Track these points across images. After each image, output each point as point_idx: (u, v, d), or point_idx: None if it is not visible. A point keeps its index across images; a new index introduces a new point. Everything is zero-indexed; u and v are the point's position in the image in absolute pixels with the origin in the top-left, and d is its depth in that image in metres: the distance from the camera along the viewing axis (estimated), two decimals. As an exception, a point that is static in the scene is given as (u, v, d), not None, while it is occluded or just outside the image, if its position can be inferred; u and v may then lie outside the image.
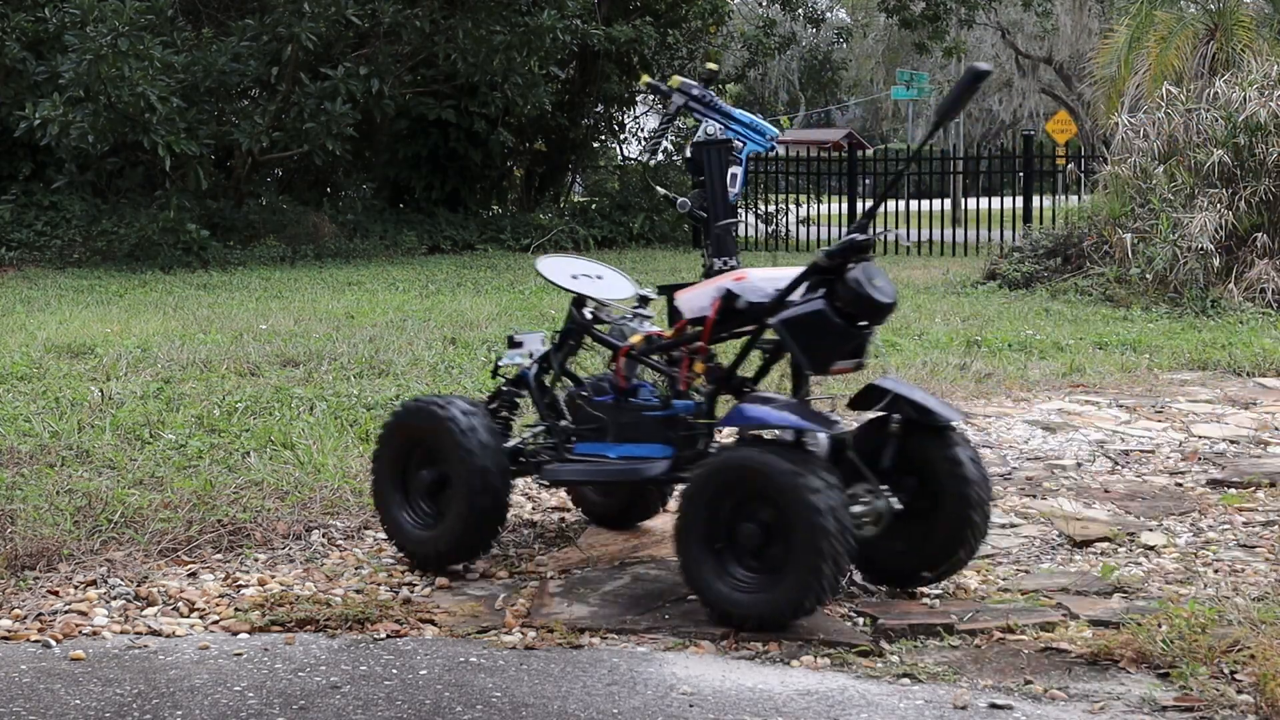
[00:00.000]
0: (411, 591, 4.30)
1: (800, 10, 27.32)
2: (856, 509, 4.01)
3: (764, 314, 4.18)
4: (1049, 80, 44.97)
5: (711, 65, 6.02)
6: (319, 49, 17.13)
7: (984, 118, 53.10)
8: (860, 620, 4.05)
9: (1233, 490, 5.58)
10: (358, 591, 4.25)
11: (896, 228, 22.19)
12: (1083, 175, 18.13)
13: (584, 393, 4.56)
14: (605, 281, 4.72)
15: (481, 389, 7.55)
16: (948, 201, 28.93)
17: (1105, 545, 4.84)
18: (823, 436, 4.03)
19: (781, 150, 27.17)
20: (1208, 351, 9.12)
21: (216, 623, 4.01)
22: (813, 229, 22.78)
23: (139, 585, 4.26)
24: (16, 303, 11.93)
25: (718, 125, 4.68)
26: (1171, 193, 12.37)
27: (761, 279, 4.26)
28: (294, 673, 3.62)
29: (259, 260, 16.70)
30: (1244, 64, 14.16)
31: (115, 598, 4.17)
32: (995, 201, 23.41)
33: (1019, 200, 20.97)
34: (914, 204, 25.43)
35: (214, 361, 8.27)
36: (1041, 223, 17.81)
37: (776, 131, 4.75)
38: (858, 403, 4.19)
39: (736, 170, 4.63)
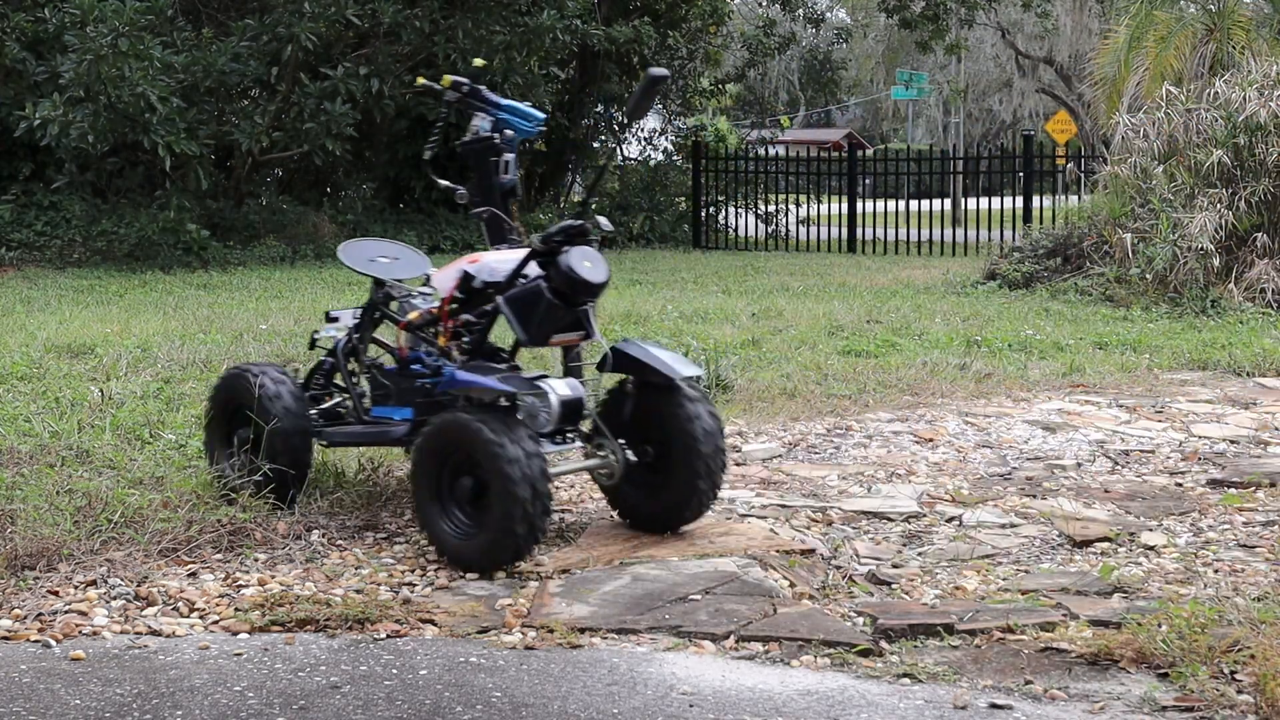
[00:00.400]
0: (411, 591, 4.30)
1: (800, 10, 27.31)
2: (591, 462, 4.66)
3: (498, 292, 4.66)
4: (1049, 80, 44.97)
5: (479, 61, 6.72)
6: (319, 49, 17.13)
7: (984, 118, 53.11)
8: (860, 620, 4.05)
9: (1233, 490, 5.58)
10: (358, 591, 4.25)
11: (897, 227, 22.19)
12: (1083, 175, 18.14)
13: (379, 362, 5.06)
14: (401, 263, 5.23)
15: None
16: (948, 201, 28.94)
17: (1105, 545, 4.84)
18: (554, 398, 4.49)
19: (782, 150, 27.21)
20: (1208, 351, 9.12)
21: (216, 623, 4.01)
22: (813, 229, 22.77)
23: (139, 585, 4.26)
24: (16, 303, 11.93)
25: (489, 120, 5.08)
26: (1171, 193, 12.38)
27: (495, 261, 4.75)
28: (294, 673, 3.62)
29: (259, 260, 16.70)
30: (1243, 64, 14.16)
31: (115, 598, 4.17)
32: (995, 201, 23.40)
33: (1019, 200, 20.97)
34: (914, 204, 25.43)
35: (214, 361, 8.27)
36: (1041, 223, 17.81)
37: (541, 116, 5.16)
38: (602, 366, 4.70)
39: (509, 157, 5.03)
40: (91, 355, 8.53)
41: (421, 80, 5.65)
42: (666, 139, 25.54)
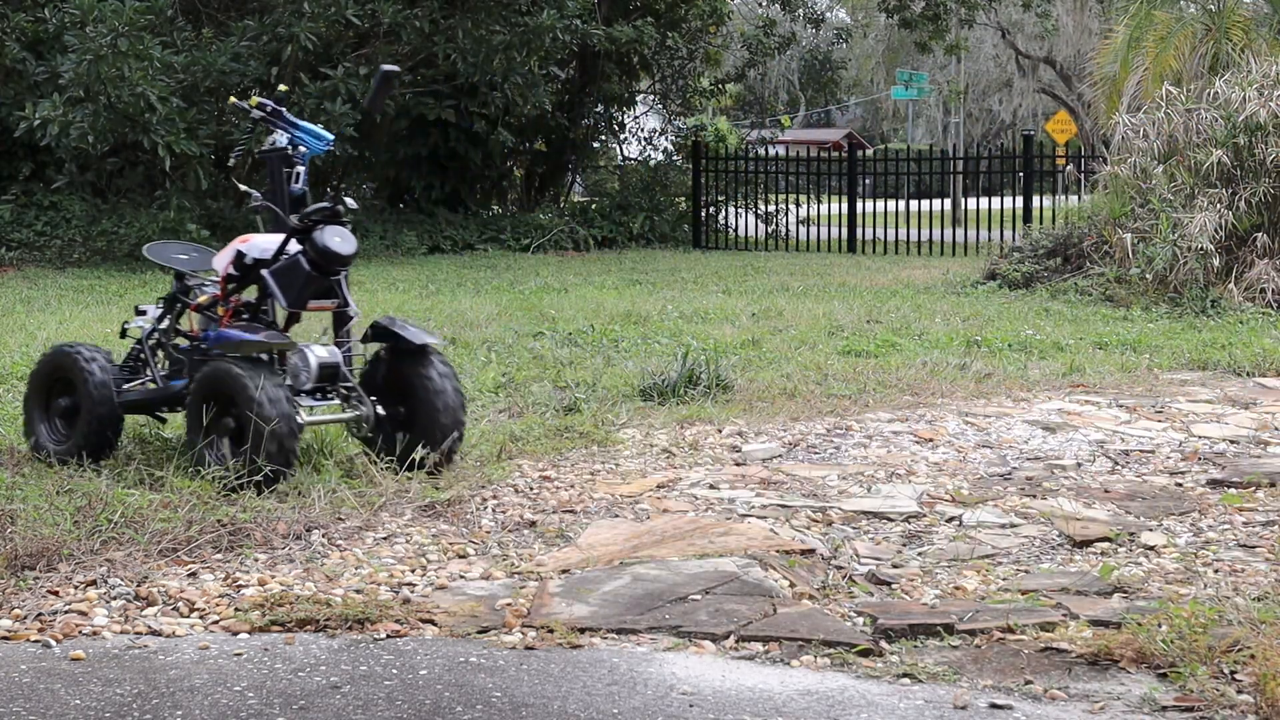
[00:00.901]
0: (411, 591, 4.30)
1: (800, 10, 27.31)
2: (347, 415, 5.51)
3: (266, 267, 5.45)
4: (1049, 80, 44.98)
5: (283, 87, 7.78)
6: (319, 49, 17.13)
7: (984, 118, 53.12)
8: (860, 620, 4.05)
9: (1233, 490, 5.58)
10: (358, 591, 4.25)
11: (897, 227, 22.20)
12: (1082, 175, 18.14)
13: (176, 343, 5.84)
14: (196, 258, 6.03)
15: (482, 389, 7.56)
16: (947, 201, 28.94)
17: (1105, 545, 4.84)
18: (313, 360, 5.41)
19: (781, 150, 27.21)
20: (1208, 351, 9.12)
21: (216, 623, 4.01)
22: (813, 229, 22.78)
23: (139, 585, 4.26)
24: (16, 303, 11.93)
25: (285, 137, 5.78)
26: (1171, 193, 12.38)
27: (264, 240, 5.55)
28: (294, 673, 3.62)
29: (259, 260, 16.69)
30: (1243, 64, 14.16)
31: (115, 598, 4.17)
32: (995, 201, 23.40)
33: (1019, 200, 20.97)
34: (914, 204, 25.44)
35: (214, 361, 8.26)
36: (1041, 223, 17.82)
37: (330, 137, 5.92)
38: (365, 339, 5.63)
39: (300, 169, 5.77)
40: (91, 355, 8.51)
41: (233, 100, 6.41)
42: (666, 139, 25.54)
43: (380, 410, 5.51)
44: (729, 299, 12.88)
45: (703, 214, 22.81)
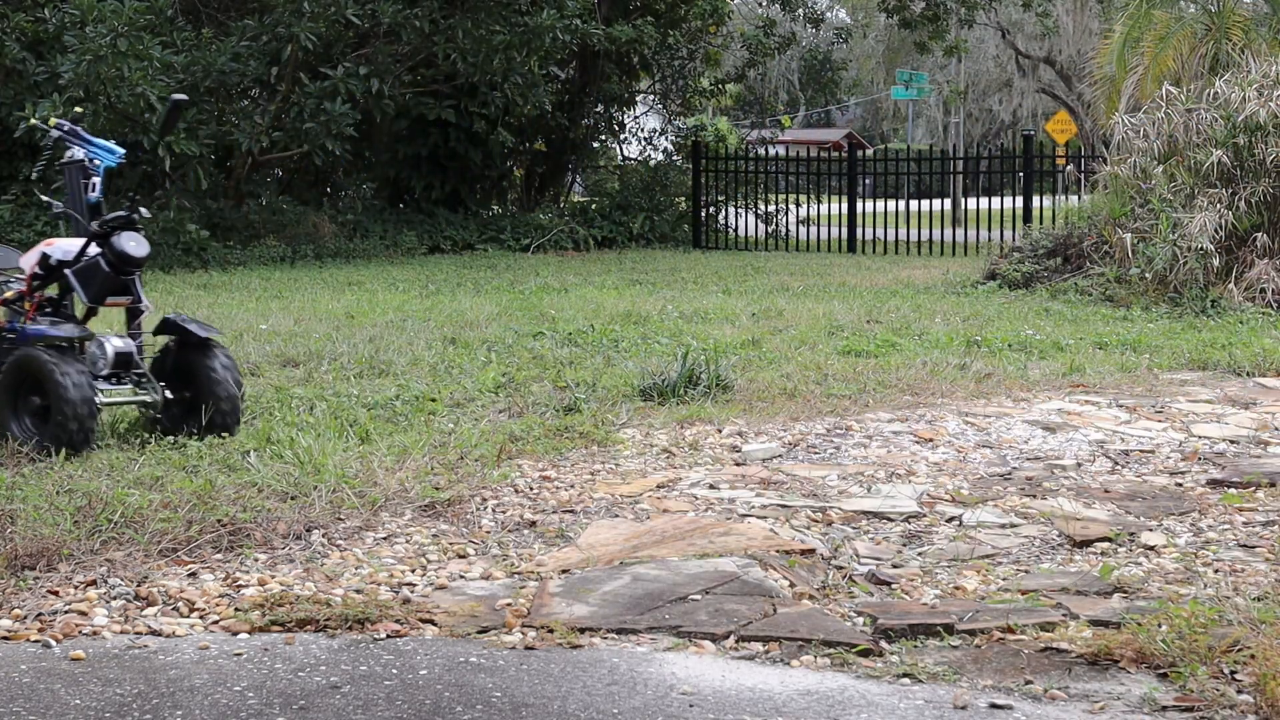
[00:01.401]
0: (411, 591, 4.30)
1: (800, 10, 27.31)
2: (140, 398, 6.14)
3: (69, 267, 6.13)
4: (1049, 80, 44.97)
5: (78, 109, 8.72)
6: (319, 49, 17.13)
7: (984, 118, 53.12)
8: (860, 620, 4.05)
9: (1233, 490, 5.58)
10: (358, 591, 4.25)
11: (897, 227, 22.20)
12: (1082, 175, 18.14)
13: None
14: (4, 256, 6.64)
15: (482, 389, 7.56)
16: (947, 201, 28.94)
17: (1105, 545, 4.84)
18: (110, 349, 6.09)
19: (781, 150, 27.21)
20: (1208, 351, 9.12)
21: (216, 623, 4.01)
22: (813, 229, 22.77)
23: (139, 585, 4.26)
24: (16, 303, 11.92)
25: (81, 151, 6.33)
26: (1171, 193, 12.38)
27: (66, 244, 6.22)
28: (294, 673, 3.62)
29: (259, 260, 16.70)
30: (1243, 63, 14.16)
31: (115, 598, 4.17)
32: (995, 201, 23.42)
33: (1019, 200, 20.98)
34: (914, 204, 25.43)
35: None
36: (1041, 223, 17.82)
37: (121, 151, 6.42)
38: (157, 331, 6.35)
39: (96, 180, 6.33)
40: (91, 355, 8.52)
41: (33, 120, 7.14)
42: (666, 139, 25.55)
43: (169, 394, 6.19)
44: (729, 299, 12.88)
45: (703, 214, 22.82)
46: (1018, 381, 8.10)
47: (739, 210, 23.46)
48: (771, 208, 23.50)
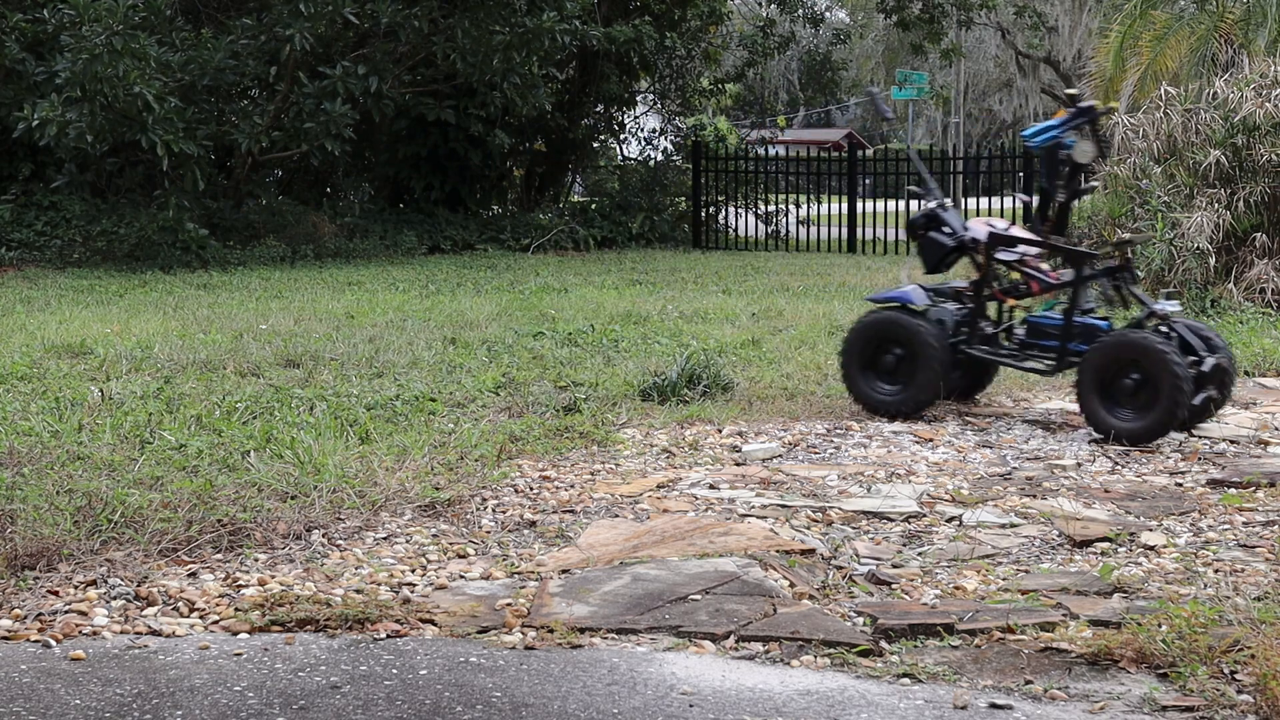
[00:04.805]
0: (411, 591, 4.30)
1: (799, 10, 27.30)
2: None
3: None
4: (1049, 80, 44.96)
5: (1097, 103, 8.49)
6: (317, 49, 17.12)
7: (984, 118, 53.12)
8: (860, 620, 4.05)
9: (1233, 490, 5.58)
10: (358, 591, 4.25)
11: (897, 227, 22.18)
12: (1082, 175, 18.11)
13: None
14: None
15: (482, 389, 7.56)
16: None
17: (1105, 545, 4.84)
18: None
19: (781, 150, 27.20)
20: (1207, 351, 9.11)
21: (216, 623, 4.01)
22: (813, 229, 22.77)
23: (139, 585, 4.26)
24: (16, 303, 11.93)
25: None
26: (1170, 193, 12.37)
27: None
28: (294, 673, 3.62)
29: (259, 260, 16.70)
30: (1241, 63, 14.16)
31: (115, 598, 4.17)
32: (995, 201, 23.40)
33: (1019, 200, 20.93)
34: (914, 204, 25.40)
35: (214, 361, 8.27)
36: (1041, 223, 17.77)
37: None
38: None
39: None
40: (91, 355, 8.52)
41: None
42: (666, 139, 25.54)
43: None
44: (729, 299, 12.87)
45: (702, 214, 22.81)
46: (1018, 381, 8.10)
47: (739, 210, 23.46)
48: (771, 208, 23.49)
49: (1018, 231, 7.25)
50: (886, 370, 7.07)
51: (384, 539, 4.81)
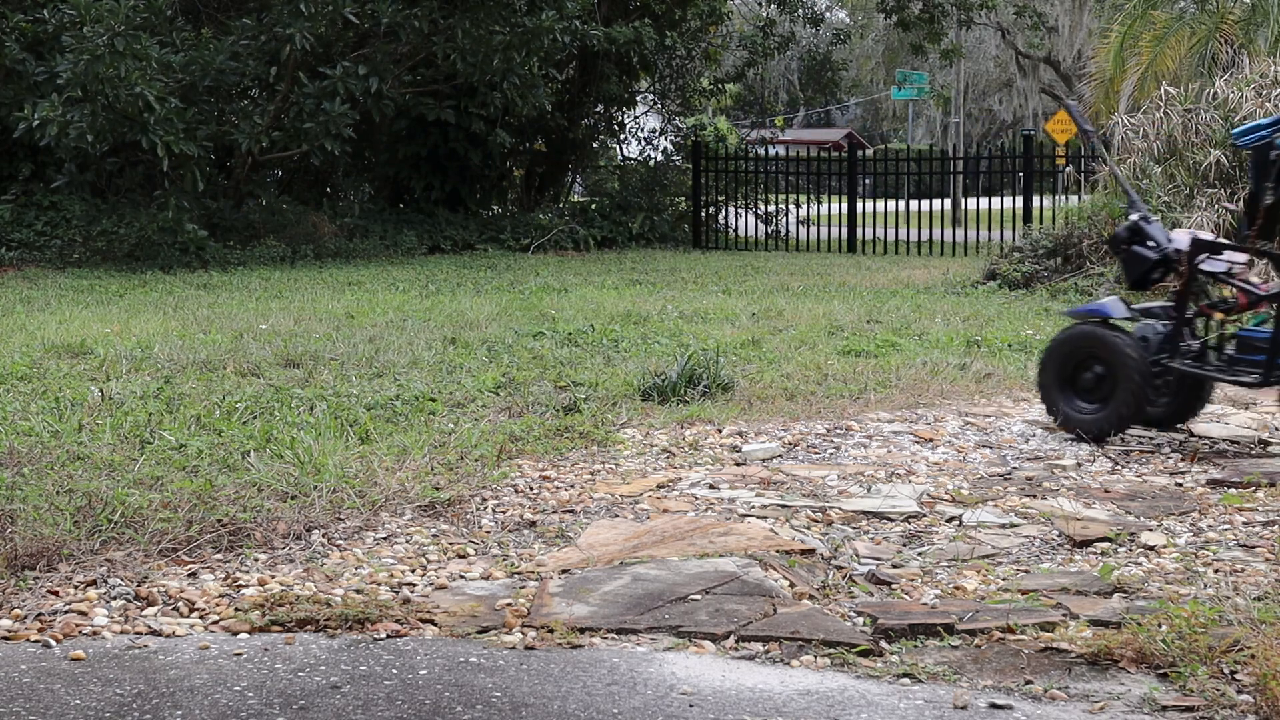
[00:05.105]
0: (411, 591, 4.30)
1: (799, 10, 27.31)
2: None
3: None
4: (1049, 80, 44.97)
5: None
6: (317, 49, 17.13)
7: (984, 118, 53.12)
8: (860, 620, 4.05)
9: (1233, 490, 5.58)
10: (358, 591, 4.25)
11: (897, 227, 22.19)
12: (1082, 175, 18.15)
13: None
14: None
15: (482, 389, 7.56)
16: (947, 201, 28.94)
17: (1105, 545, 4.84)
18: None
19: (781, 150, 27.20)
20: (1207, 351, 9.11)
21: (216, 623, 4.01)
22: (813, 229, 22.77)
23: (139, 585, 4.26)
24: (16, 303, 11.93)
25: None
26: (1170, 193, 12.38)
27: None
28: (294, 673, 3.62)
29: (259, 260, 16.70)
30: (1242, 64, 14.16)
31: (115, 598, 4.17)
32: (995, 201, 23.41)
33: (1019, 200, 20.97)
34: (914, 204, 25.43)
35: (214, 361, 8.27)
36: (1041, 223, 17.81)
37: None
38: None
39: None
40: (91, 355, 8.52)
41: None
42: (666, 139, 25.54)
43: None
44: (729, 299, 12.87)
45: (702, 214, 22.82)
46: (1018, 381, 8.10)
47: (739, 210, 23.47)
48: (771, 208, 23.50)
49: (1223, 241, 6.97)
50: (1085, 388, 6.71)
51: (384, 539, 4.81)
